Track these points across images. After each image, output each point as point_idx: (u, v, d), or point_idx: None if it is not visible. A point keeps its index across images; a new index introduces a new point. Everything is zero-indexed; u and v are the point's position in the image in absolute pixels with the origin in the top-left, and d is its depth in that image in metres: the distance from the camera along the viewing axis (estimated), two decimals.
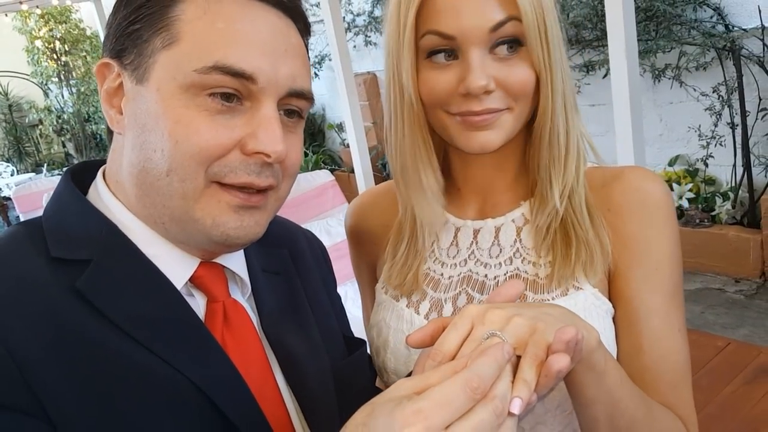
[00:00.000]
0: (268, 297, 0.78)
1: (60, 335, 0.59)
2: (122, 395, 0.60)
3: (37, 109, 9.81)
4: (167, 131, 0.63)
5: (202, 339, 0.67)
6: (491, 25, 0.75)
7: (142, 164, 0.65)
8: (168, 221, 0.68)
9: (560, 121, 0.82)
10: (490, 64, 0.77)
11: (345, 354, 0.86)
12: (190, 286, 0.71)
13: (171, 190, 0.65)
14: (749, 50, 3.75)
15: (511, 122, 0.81)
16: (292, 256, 0.86)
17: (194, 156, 0.63)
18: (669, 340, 0.81)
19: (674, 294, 0.83)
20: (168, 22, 0.64)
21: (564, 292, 0.82)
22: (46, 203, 0.70)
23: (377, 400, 0.52)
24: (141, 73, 0.65)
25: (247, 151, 0.65)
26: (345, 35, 3.77)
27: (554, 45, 0.78)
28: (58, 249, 0.65)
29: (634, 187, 0.84)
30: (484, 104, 0.78)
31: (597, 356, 0.65)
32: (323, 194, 4.66)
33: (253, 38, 0.64)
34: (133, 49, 0.65)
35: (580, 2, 4.19)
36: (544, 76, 0.79)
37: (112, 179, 0.71)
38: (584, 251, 0.82)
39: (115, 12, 0.67)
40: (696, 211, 4.07)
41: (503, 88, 0.78)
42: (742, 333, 3.40)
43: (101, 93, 0.69)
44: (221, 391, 0.65)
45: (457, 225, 0.93)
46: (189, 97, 0.63)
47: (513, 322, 0.60)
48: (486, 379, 0.51)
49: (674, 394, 0.81)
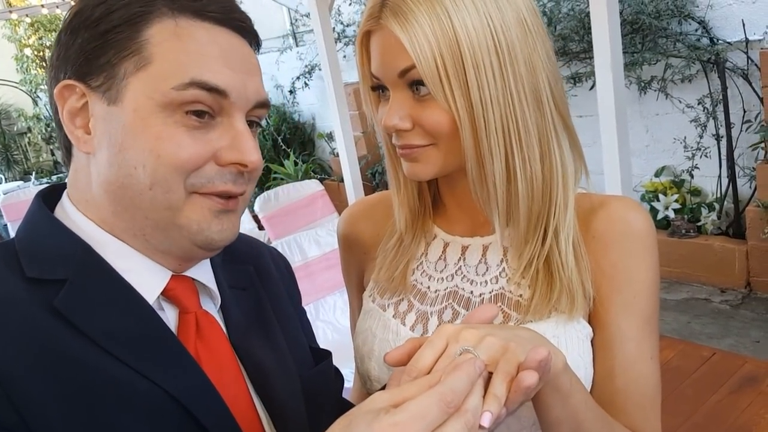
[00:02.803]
0: (235, 311, 0.80)
1: (41, 353, 0.60)
2: (103, 410, 0.61)
3: (26, 117, 9.77)
4: (148, 147, 0.66)
5: (174, 352, 0.69)
6: (397, 71, 0.78)
7: (121, 181, 0.67)
8: (150, 232, 0.70)
9: (494, 162, 0.80)
10: (409, 103, 0.80)
11: (312, 365, 0.87)
12: (162, 299, 0.73)
13: (155, 203, 0.68)
14: (734, 63, 3.81)
15: (440, 156, 0.82)
16: (258, 272, 0.88)
17: (177, 169, 0.67)
18: (641, 366, 0.84)
19: (650, 320, 0.85)
20: (138, 47, 0.66)
21: (547, 315, 0.84)
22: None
23: (355, 411, 0.54)
24: (113, 94, 0.67)
25: (222, 162, 0.69)
26: (335, 45, 3.79)
27: (481, 86, 0.77)
28: (33, 269, 0.66)
29: (618, 217, 0.86)
30: (403, 140, 0.82)
31: (563, 378, 0.67)
32: (312, 204, 4.67)
33: (221, 58, 0.69)
34: (101, 72, 0.67)
35: (567, 15, 4.24)
36: (458, 120, 0.78)
37: (79, 198, 0.72)
38: (566, 295, 0.83)
39: (73, 34, 0.68)
40: (682, 221, 4.11)
41: (420, 127, 0.81)
42: (728, 343, 3.43)
43: (62, 114, 0.69)
44: (197, 401, 0.67)
45: (446, 240, 0.94)
46: (167, 114, 0.66)
47: (486, 341, 0.62)
48: (459, 393, 0.53)
49: (642, 417, 0.83)
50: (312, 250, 3.33)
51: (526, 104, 0.79)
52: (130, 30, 0.67)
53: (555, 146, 0.83)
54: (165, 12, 0.68)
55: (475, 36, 0.76)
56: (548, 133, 0.82)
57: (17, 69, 9.79)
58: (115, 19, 0.67)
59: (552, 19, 4.24)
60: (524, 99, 0.79)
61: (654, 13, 3.89)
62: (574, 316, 0.84)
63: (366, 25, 0.81)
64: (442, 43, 0.75)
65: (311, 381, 0.84)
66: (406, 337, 0.89)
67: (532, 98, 0.80)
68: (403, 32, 0.76)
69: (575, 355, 0.82)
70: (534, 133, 0.81)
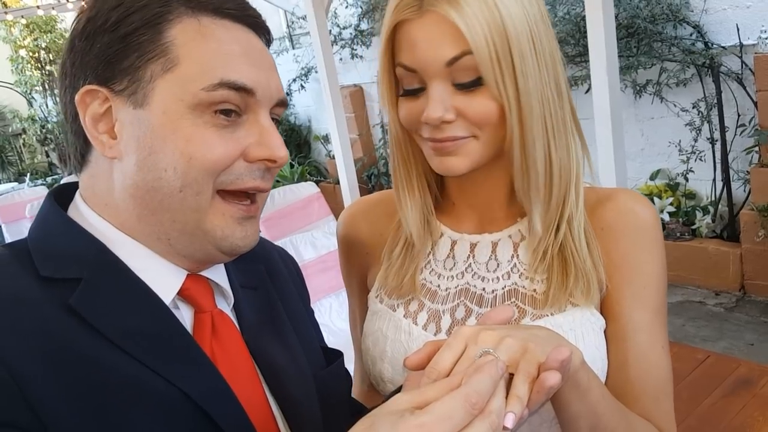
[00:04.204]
0: (248, 311, 0.80)
1: (57, 352, 0.60)
2: (119, 409, 0.61)
3: (21, 118, 9.74)
4: (179, 150, 0.66)
5: (190, 351, 0.69)
6: (446, 60, 0.77)
7: (151, 184, 0.67)
8: (176, 236, 0.70)
9: (536, 149, 0.81)
10: (452, 95, 0.79)
11: (324, 364, 0.87)
12: (177, 299, 0.72)
13: (184, 205, 0.68)
14: (728, 67, 3.83)
15: (478, 149, 0.82)
16: (268, 272, 0.88)
17: (208, 170, 0.67)
18: (653, 356, 0.85)
19: (659, 311, 0.87)
20: (163, 49, 0.66)
21: (561, 308, 0.85)
22: (29, 213, 0.71)
23: (377, 413, 0.54)
24: (140, 97, 0.67)
25: (251, 159, 0.70)
26: (331, 48, 3.79)
27: (525, 73, 0.77)
28: (47, 268, 0.66)
29: (627, 209, 0.87)
30: (445, 133, 0.80)
31: (581, 374, 0.68)
32: (308, 206, 4.67)
33: (244, 56, 0.69)
34: (125, 76, 0.67)
35: (563, 19, 4.26)
36: (507, 108, 0.78)
37: (97, 202, 0.72)
38: (582, 281, 0.84)
39: (89, 40, 0.67)
40: (677, 224, 4.12)
41: (464, 118, 0.80)
42: (722, 345, 3.44)
43: (85, 120, 0.69)
44: (213, 402, 0.66)
45: (453, 238, 0.94)
46: (196, 115, 0.67)
47: (505, 342, 0.63)
48: (483, 394, 0.54)
49: (656, 406, 0.84)
50: (308, 253, 3.33)
51: (554, 94, 0.82)
52: (151, 32, 0.66)
53: (571, 135, 0.86)
54: (183, 11, 0.67)
55: (519, 24, 0.77)
56: (567, 123, 0.85)
57: (12, 70, 9.75)
58: (135, 21, 0.66)
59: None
60: (553, 89, 0.81)
61: (649, 17, 3.91)
62: (589, 307, 0.85)
63: (402, 14, 0.78)
64: (494, 30, 0.75)
65: (324, 381, 0.84)
66: (419, 337, 0.90)
67: (556, 88, 0.82)
68: (459, 17, 0.74)
69: (592, 347, 0.83)
70: (560, 121, 0.83)
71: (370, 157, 6.36)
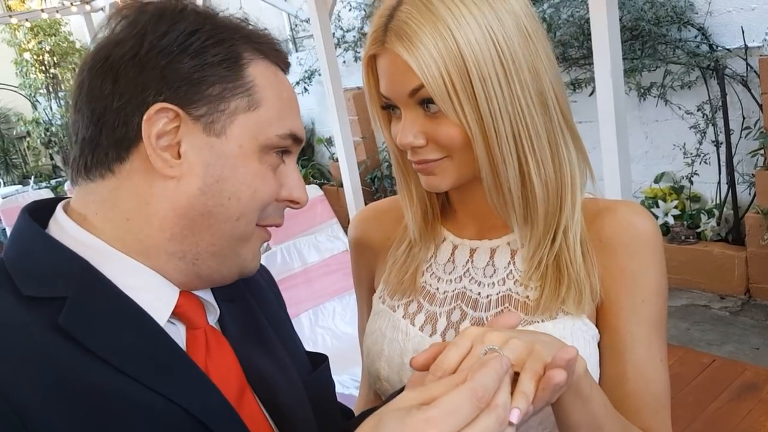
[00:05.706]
0: (231, 324, 0.79)
1: (51, 375, 0.58)
2: (121, 430, 0.60)
3: (25, 121, 9.76)
4: (247, 182, 0.70)
5: (187, 368, 0.68)
6: (408, 90, 0.80)
7: (209, 209, 0.68)
8: (207, 257, 0.70)
9: (508, 169, 0.82)
10: (423, 120, 0.82)
11: (310, 369, 0.88)
12: (171, 317, 0.71)
13: (234, 232, 0.71)
14: (733, 69, 3.82)
15: (454, 168, 0.84)
16: (245, 282, 0.87)
17: (262, 204, 0.72)
18: (652, 369, 0.85)
19: (658, 325, 0.87)
20: (248, 87, 0.69)
21: (552, 316, 0.85)
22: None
23: (383, 410, 0.54)
24: (217, 127, 0.68)
25: (280, 198, 0.74)
26: (335, 51, 3.79)
27: (490, 96, 0.78)
28: (29, 287, 0.63)
29: (627, 222, 0.87)
30: (419, 156, 0.84)
31: (584, 383, 0.68)
32: (312, 209, 4.66)
33: (295, 106, 0.76)
34: (207, 103, 0.67)
35: (567, 21, 4.25)
36: (470, 133, 0.79)
37: (108, 216, 0.69)
38: (574, 291, 0.85)
39: (165, 57, 0.66)
40: (681, 227, 4.11)
41: (434, 142, 0.83)
42: (727, 350, 3.42)
43: (151, 137, 0.66)
44: (216, 419, 0.66)
45: (455, 243, 0.97)
46: (263, 153, 0.71)
47: (511, 342, 0.63)
48: (489, 388, 0.54)
49: (655, 419, 0.85)
50: (311, 256, 3.33)
51: (534, 109, 0.81)
52: (234, 67, 0.69)
53: (563, 148, 0.86)
54: (252, 52, 0.71)
55: (478, 49, 0.77)
56: (556, 135, 0.85)
57: (16, 73, 9.78)
58: (219, 54, 0.68)
59: (552, 26, 4.25)
60: (532, 105, 0.81)
61: (653, 19, 3.90)
62: (580, 316, 0.85)
63: (371, 48, 0.83)
64: (448, 61, 0.77)
65: (312, 386, 0.84)
66: (415, 337, 0.92)
67: (539, 103, 0.82)
68: (410, 55, 0.77)
69: (583, 356, 0.82)
70: (544, 136, 0.83)
71: (373, 160, 6.36)
